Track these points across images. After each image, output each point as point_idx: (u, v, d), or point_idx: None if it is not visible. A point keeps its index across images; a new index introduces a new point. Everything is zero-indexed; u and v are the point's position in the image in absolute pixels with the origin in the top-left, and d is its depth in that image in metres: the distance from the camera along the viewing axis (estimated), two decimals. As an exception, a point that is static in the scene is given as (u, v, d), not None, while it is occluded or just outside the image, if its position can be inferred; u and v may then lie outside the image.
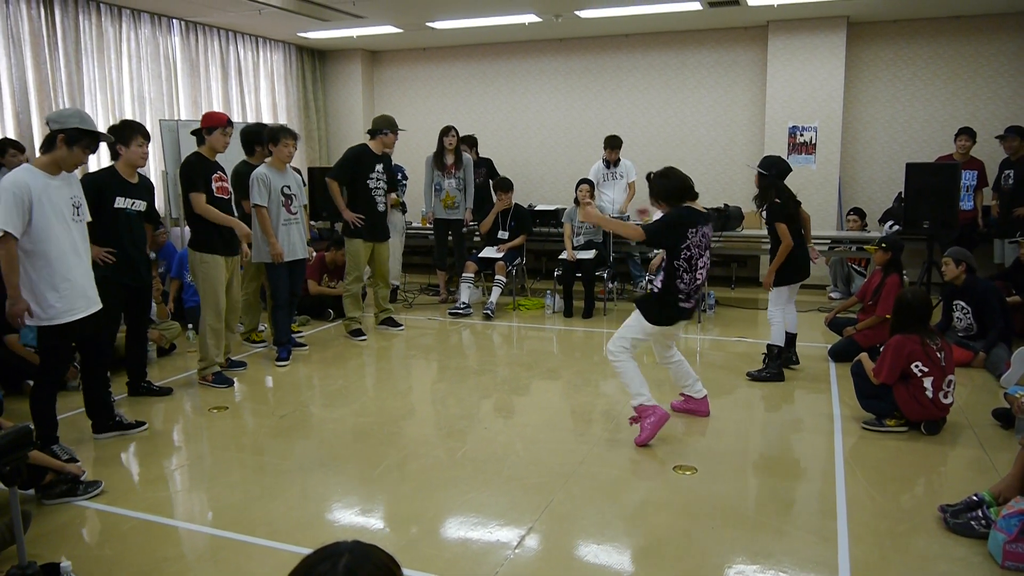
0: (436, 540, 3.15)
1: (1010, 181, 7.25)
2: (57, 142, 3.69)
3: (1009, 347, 5.41)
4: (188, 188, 5.07)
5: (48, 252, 3.67)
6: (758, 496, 3.52)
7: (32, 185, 3.60)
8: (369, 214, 6.51)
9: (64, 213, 3.76)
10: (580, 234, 7.67)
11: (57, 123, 3.72)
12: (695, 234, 4.05)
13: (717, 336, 6.75)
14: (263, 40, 9.73)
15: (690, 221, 4.05)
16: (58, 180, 3.75)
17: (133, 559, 3.01)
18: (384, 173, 6.65)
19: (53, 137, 3.70)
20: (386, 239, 6.76)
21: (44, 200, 3.64)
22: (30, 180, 3.61)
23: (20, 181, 3.58)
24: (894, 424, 4.26)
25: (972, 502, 3.13)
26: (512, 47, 10.08)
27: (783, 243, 5.19)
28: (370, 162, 6.54)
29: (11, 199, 3.52)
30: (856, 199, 8.88)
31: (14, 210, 3.53)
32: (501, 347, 6.62)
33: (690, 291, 4.10)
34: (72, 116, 3.77)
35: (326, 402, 5.02)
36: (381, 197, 6.62)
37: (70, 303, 3.78)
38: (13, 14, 6.75)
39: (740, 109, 9.22)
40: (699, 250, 4.08)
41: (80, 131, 3.73)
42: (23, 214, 3.56)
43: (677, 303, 4.08)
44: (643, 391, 4.15)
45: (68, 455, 3.89)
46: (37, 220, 3.61)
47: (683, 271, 4.05)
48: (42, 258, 3.66)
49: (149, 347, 5.81)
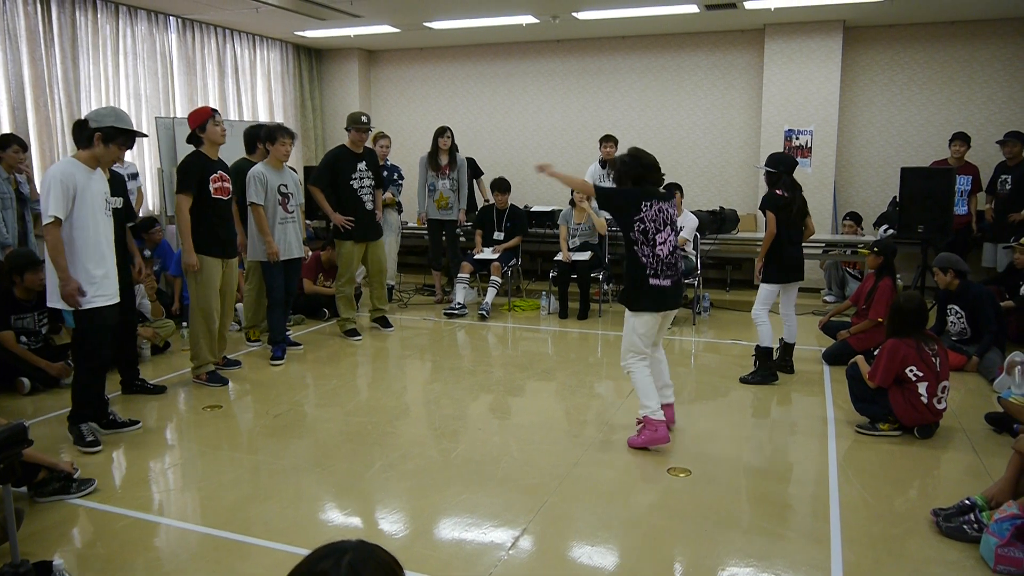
0: (430, 541, 3.15)
1: (1007, 186, 7.28)
2: (95, 139, 3.96)
3: (1003, 351, 5.43)
4: (176, 188, 5.06)
5: (86, 240, 3.94)
6: (752, 499, 3.52)
7: (77, 177, 3.90)
8: (356, 214, 6.43)
9: (99, 206, 4.02)
10: (576, 236, 7.68)
11: (95, 121, 3.98)
12: (649, 208, 3.99)
13: (712, 339, 6.76)
14: (260, 38, 9.71)
15: (644, 194, 4.02)
16: (95, 175, 4.03)
17: (126, 558, 3.00)
18: (369, 170, 6.54)
19: (91, 134, 3.96)
20: (378, 237, 6.69)
21: (85, 192, 3.92)
22: (75, 172, 3.91)
23: (66, 171, 3.89)
24: (888, 428, 4.27)
25: (965, 506, 3.14)
26: (509, 48, 10.09)
27: (767, 232, 5.20)
28: (351, 162, 6.43)
29: (59, 188, 3.82)
30: (851, 203, 8.91)
31: (62, 198, 3.83)
32: (496, 348, 6.62)
33: (657, 267, 3.99)
34: (108, 115, 4.03)
35: (321, 401, 5.01)
36: (367, 196, 6.52)
37: (107, 288, 4.07)
38: (9, 10, 6.73)
39: (736, 112, 9.24)
40: (655, 224, 3.98)
41: (116, 129, 4.00)
42: (67, 201, 3.85)
43: (647, 280, 4.00)
44: (650, 403, 4.05)
45: (93, 437, 4.14)
46: (78, 209, 3.90)
47: (641, 243, 3.99)
48: (83, 244, 3.93)
49: (144, 345, 5.81)
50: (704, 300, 7.61)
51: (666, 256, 4.02)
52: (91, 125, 3.98)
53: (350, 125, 6.49)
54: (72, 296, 3.89)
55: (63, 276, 3.86)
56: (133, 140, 4.18)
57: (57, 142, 7.19)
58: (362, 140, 6.51)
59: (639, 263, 4.00)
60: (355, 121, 6.47)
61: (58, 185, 3.82)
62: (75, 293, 3.88)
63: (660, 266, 4.00)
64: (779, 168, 5.26)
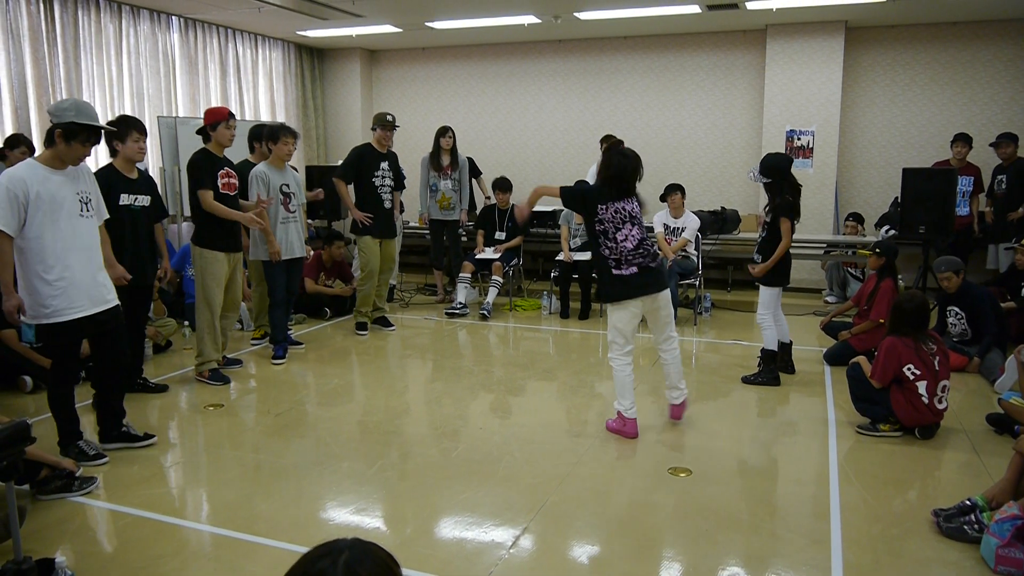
0: (431, 539, 3.15)
1: (1003, 186, 7.29)
2: (55, 137, 3.60)
3: (1003, 352, 5.43)
4: (195, 185, 5.07)
5: (43, 248, 3.57)
6: (752, 499, 3.53)
7: (29, 181, 3.53)
8: (376, 212, 6.58)
9: (69, 208, 3.66)
10: (577, 236, 7.68)
11: (55, 117, 3.61)
12: (605, 211, 4.13)
13: (713, 339, 6.76)
14: (262, 38, 9.72)
15: (599, 197, 4.16)
16: (61, 175, 3.67)
17: (128, 556, 3.01)
18: (391, 171, 6.70)
19: (50, 132, 3.62)
20: (393, 236, 6.85)
21: (43, 195, 3.55)
22: (27, 175, 3.54)
23: (16, 177, 3.51)
24: (888, 429, 4.27)
25: (965, 506, 3.15)
26: (511, 48, 10.09)
27: (785, 241, 5.09)
28: (374, 160, 6.60)
29: (4, 196, 3.45)
30: (853, 203, 8.91)
31: (7, 208, 3.46)
32: (497, 347, 6.63)
33: (620, 258, 4.11)
34: (68, 109, 3.62)
35: (322, 400, 5.02)
36: (387, 194, 6.68)
37: (69, 300, 3.66)
38: (12, 9, 6.74)
39: (738, 112, 9.23)
40: (613, 224, 4.13)
41: (77, 125, 3.60)
42: (18, 211, 3.49)
43: (611, 271, 4.13)
44: (624, 401, 4.27)
45: (95, 451, 3.93)
46: (32, 216, 3.52)
47: (602, 237, 4.15)
48: (37, 254, 3.57)
49: (145, 343, 5.81)
50: (705, 300, 7.61)
51: (631, 249, 4.13)
52: (51, 121, 3.60)
53: (376, 124, 6.67)
54: (11, 314, 3.58)
55: (6, 291, 3.55)
56: (99, 136, 3.79)
57: (59, 141, 7.19)
58: (387, 139, 6.68)
59: (603, 256, 4.18)
60: (381, 120, 6.65)
61: (3, 194, 3.45)
62: (14, 311, 3.57)
63: (624, 256, 4.12)
64: (774, 176, 5.08)
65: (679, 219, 7.35)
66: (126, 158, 4.57)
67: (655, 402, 4.93)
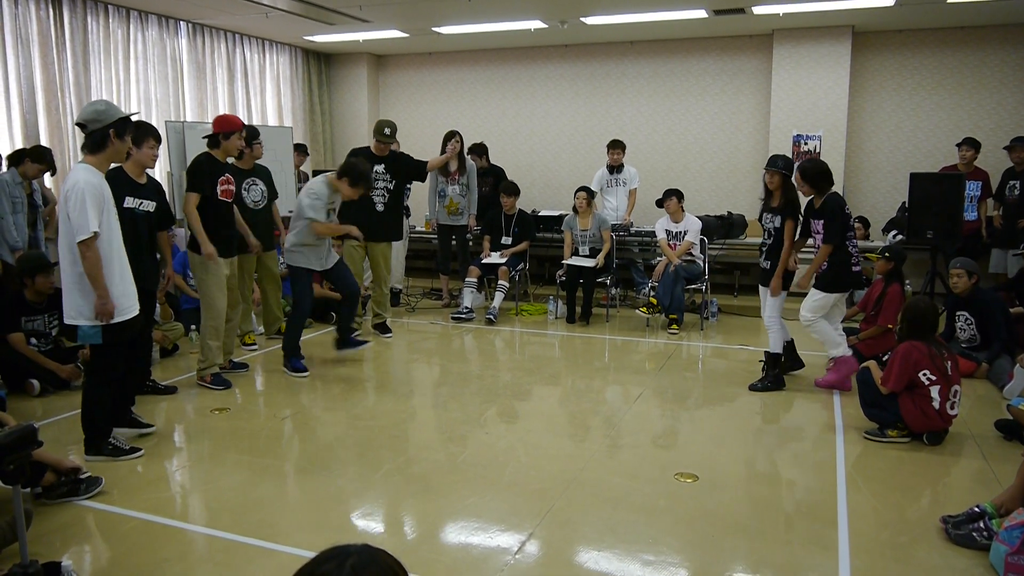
0: (436, 545, 3.15)
1: (1016, 191, 7.24)
2: (110, 138, 3.70)
3: (1012, 358, 5.39)
4: (189, 186, 5.08)
5: (112, 251, 3.74)
6: (759, 505, 3.51)
7: (101, 184, 3.68)
8: (368, 215, 6.49)
9: (115, 212, 3.82)
10: (584, 243, 7.63)
11: (99, 121, 3.67)
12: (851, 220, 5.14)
13: (720, 344, 6.75)
14: (269, 43, 9.77)
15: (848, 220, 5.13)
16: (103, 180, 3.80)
17: (134, 559, 3.01)
18: (387, 173, 6.68)
19: (102, 135, 3.68)
20: (383, 240, 6.71)
21: (107, 197, 3.71)
22: (98, 179, 3.68)
23: (94, 182, 3.63)
24: (896, 434, 4.25)
25: (974, 513, 3.12)
26: (518, 53, 10.11)
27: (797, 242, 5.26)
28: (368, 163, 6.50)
29: (92, 200, 3.58)
30: (860, 208, 8.87)
31: (95, 209, 3.59)
32: (503, 352, 6.62)
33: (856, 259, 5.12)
34: (105, 111, 3.70)
35: (328, 405, 5.02)
36: (380, 198, 6.64)
37: (130, 299, 3.86)
38: (22, 14, 6.79)
39: (745, 117, 9.22)
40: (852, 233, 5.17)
41: (125, 121, 3.75)
42: (99, 214, 3.63)
43: (852, 267, 5.09)
44: (837, 349, 5.15)
45: (129, 445, 4.09)
46: (105, 219, 3.68)
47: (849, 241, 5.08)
48: (106, 255, 3.71)
49: (152, 347, 5.82)
50: (712, 305, 7.59)
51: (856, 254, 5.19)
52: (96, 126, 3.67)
53: (374, 133, 6.69)
54: (110, 316, 3.71)
55: (103, 294, 3.66)
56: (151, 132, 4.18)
57: (68, 147, 7.24)
58: (381, 150, 6.69)
59: (850, 254, 5.05)
60: (377, 131, 6.67)
61: (91, 198, 3.58)
62: (111, 313, 3.71)
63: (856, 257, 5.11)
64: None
65: (679, 223, 7.35)
66: (138, 163, 4.58)
67: (660, 406, 4.92)
